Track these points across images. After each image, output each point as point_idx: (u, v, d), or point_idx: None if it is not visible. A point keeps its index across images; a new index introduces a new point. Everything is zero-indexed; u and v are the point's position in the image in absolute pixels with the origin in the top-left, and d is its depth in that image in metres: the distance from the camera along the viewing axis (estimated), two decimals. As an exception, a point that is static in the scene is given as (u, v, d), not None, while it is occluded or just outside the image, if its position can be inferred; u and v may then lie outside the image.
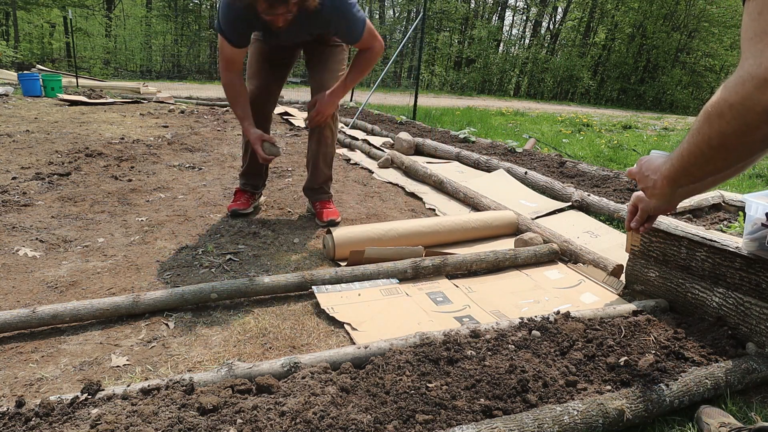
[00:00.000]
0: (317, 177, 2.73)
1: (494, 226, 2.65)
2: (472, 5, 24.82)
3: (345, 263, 2.19)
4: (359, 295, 1.89)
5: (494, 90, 23.20)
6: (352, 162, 4.27)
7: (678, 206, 2.07)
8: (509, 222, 2.69)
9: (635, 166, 1.23)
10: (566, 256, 2.35)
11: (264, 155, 2.35)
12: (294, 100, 9.06)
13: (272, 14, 2.01)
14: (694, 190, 1.25)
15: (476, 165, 4.15)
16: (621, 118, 11.57)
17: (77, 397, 1.19)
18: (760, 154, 0.80)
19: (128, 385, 1.24)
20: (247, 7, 2.01)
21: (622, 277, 2.09)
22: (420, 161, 4.03)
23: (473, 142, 5.12)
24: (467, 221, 2.60)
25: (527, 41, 26.10)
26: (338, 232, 2.25)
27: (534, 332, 1.57)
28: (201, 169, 3.75)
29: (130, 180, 3.30)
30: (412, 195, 3.41)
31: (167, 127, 5.57)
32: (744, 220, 1.65)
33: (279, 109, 7.13)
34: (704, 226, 1.93)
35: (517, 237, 2.44)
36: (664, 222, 1.83)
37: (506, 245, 2.55)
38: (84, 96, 7.50)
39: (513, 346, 1.48)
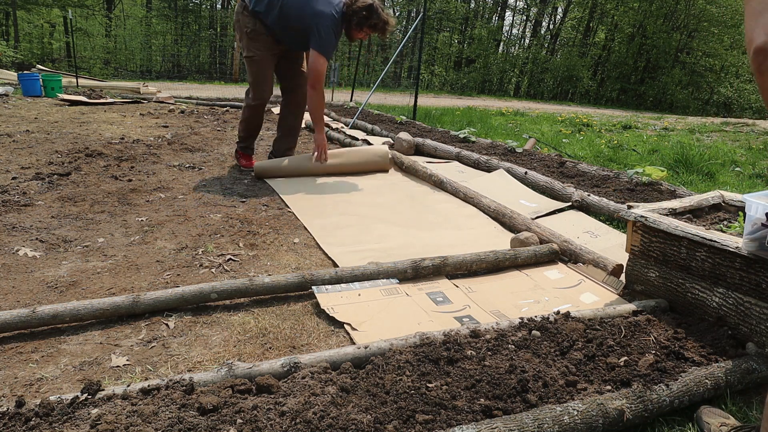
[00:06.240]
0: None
1: (371, 161, 3.78)
2: (472, 5, 24.77)
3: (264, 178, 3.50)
4: (359, 295, 1.89)
5: (494, 90, 23.16)
6: (352, 162, 4.26)
7: (678, 206, 2.07)
8: (383, 155, 3.81)
9: None
10: (566, 255, 2.34)
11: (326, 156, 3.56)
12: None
13: (365, 36, 3.35)
14: None
15: (476, 165, 4.15)
16: (621, 118, 11.55)
17: (77, 397, 1.19)
18: None
19: (128, 385, 1.24)
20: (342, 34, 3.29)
21: (622, 277, 2.09)
22: (420, 161, 4.03)
23: (473, 142, 5.11)
24: (350, 152, 3.80)
25: (527, 41, 26.08)
26: (260, 162, 3.57)
27: (534, 332, 1.57)
28: (201, 169, 3.75)
29: (130, 180, 3.30)
30: (412, 195, 3.41)
31: (167, 127, 5.56)
32: (744, 220, 1.65)
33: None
34: (704, 226, 1.93)
35: (513, 237, 2.44)
36: (664, 222, 1.83)
37: (383, 175, 3.75)
38: (84, 96, 7.50)
39: (513, 346, 1.48)
